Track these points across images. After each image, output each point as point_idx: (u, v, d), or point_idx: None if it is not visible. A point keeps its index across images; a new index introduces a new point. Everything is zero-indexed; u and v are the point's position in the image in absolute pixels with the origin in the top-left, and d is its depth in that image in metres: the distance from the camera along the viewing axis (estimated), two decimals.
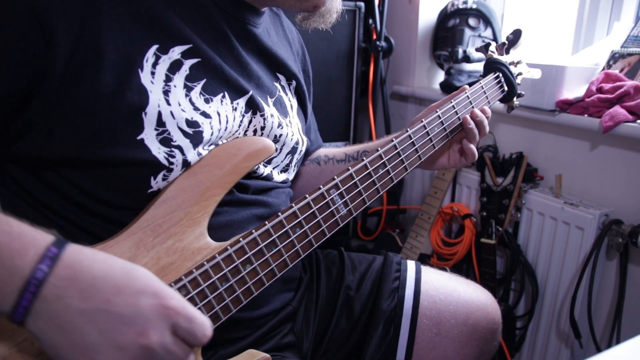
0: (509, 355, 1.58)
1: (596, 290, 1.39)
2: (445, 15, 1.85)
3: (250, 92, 0.77)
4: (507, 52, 1.10)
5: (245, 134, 0.78)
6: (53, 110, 0.62)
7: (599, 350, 1.38)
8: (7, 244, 0.50)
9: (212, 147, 0.72)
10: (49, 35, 0.59)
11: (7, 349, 0.55)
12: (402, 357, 0.91)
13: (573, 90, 1.44)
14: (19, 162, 0.68)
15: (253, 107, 0.78)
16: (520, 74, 1.10)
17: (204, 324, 0.54)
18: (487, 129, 0.93)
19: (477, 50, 1.11)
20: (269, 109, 0.81)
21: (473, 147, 0.92)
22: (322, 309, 0.95)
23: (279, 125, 0.83)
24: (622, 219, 1.34)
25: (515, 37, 1.30)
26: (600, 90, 1.34)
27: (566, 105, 1.41)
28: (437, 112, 0.88)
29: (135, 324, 0.51)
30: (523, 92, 1.09)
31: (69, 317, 0.50)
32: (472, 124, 0.90)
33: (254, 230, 0.68)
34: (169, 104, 0.66)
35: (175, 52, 0.68)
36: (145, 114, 0.64)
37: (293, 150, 0.88)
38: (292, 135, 0.86)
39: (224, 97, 0.73)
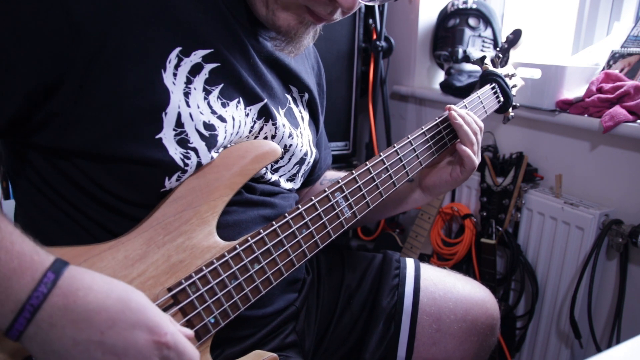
0: (509, 355, 1.59)
1: (596, 290, 1.39)
2: (445, 15, 1.85)
3: (265, 101, 0.78)
4: (502, 65, 1.12)
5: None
6: (76, 104, 0.62)
7: (599, 350, 1.39)
8: (5, 262, 0.50)
9: (222, 149, 0.72)
10: (76, 31, 0.60)
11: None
12: (403, 353, 0.92)
13: (573, 90, 1.44)
14: (37, 150, 0.68)
15: (266, 115, 0.78)
16: (515, 86, 1.13)
17: (193, 357, 0.57)
18: (475, 126, 0.92)
19: (473, 62, 1.13)
20: (281, 119, 0.82)
21: (468, 150, 0.90)
22: (324, 308, 0.96)
23: (290, 135, 0.84)
24: (622, 219, 1.34)
25: (515, 37, 1.31)
26: (600, 90, 1.34)
27: (566, 105, 1.42)
28: (436, 119, 0.91)
29: (127, 356, 0.53)
30: (518, 104, 1.11)
31: (61, 345, 0.51)
32: (459, 119, 0.90)
33: (262, 230, 0.69)
34: (188, 105, 0.67)
35: (197, 56, 0.68)
36: (166, 114, 0.65)
37: (301, 161, 0.89)
38: (302, 147, 0.87)
39: (239, 102, 0.74)
